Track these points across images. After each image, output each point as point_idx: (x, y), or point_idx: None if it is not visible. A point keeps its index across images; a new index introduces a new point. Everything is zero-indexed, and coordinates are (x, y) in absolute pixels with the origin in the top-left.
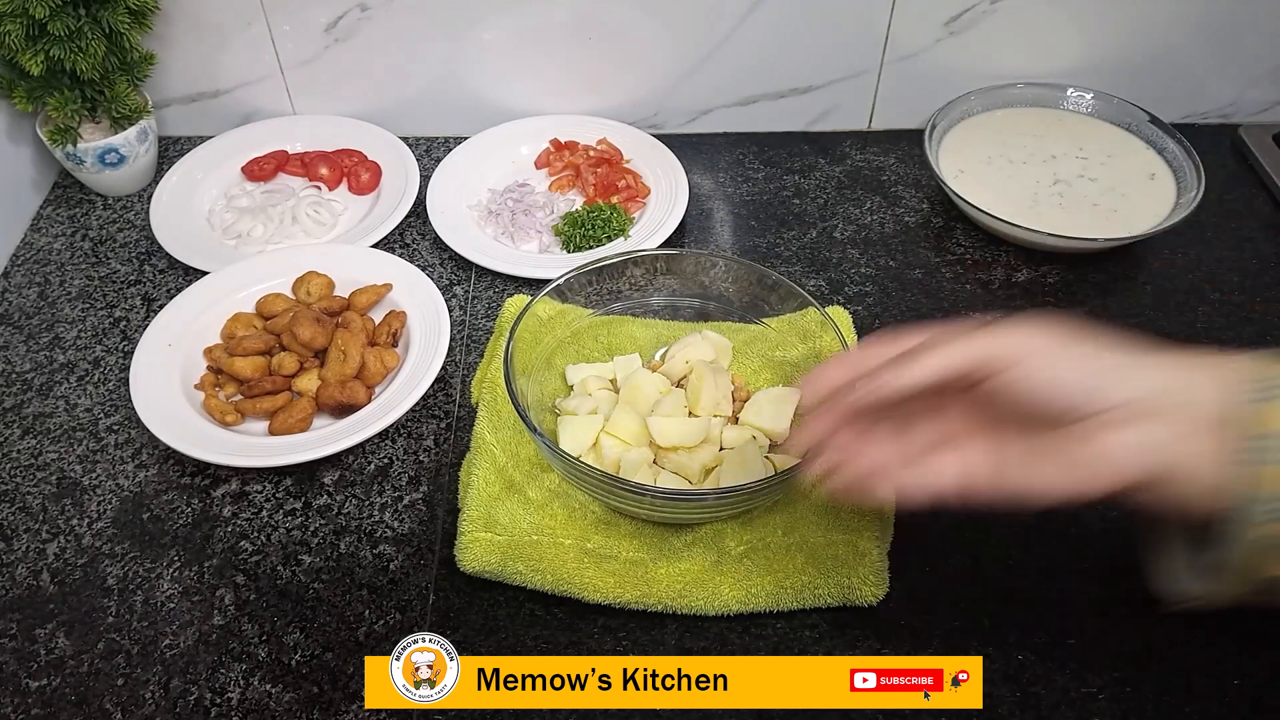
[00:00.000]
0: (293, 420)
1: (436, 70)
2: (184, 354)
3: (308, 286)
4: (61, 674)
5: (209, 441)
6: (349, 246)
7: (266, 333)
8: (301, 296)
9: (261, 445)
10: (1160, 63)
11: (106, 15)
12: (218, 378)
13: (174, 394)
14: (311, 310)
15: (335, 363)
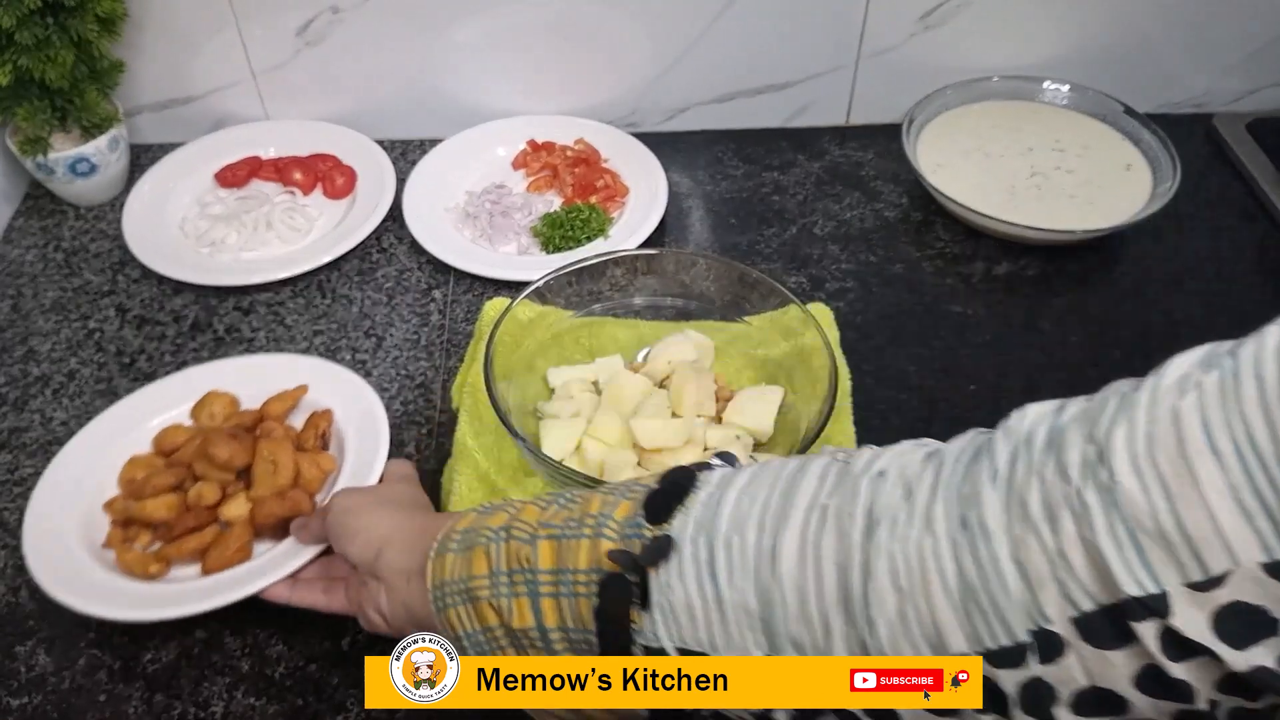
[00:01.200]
0: (229, 553)
1: (410, 72)
2: (81, 514)
3: (210, 409)
4: (43, 691)
5: (144, 600)
6: (243, 359)
7: (171, 468)
8: (204, 421)
9: (201, 587)
10: (1134, 54)
11: (75, 24)
12: (127, 530)
13: (84, 561)
14: (223, 429)
15: (265, 476)
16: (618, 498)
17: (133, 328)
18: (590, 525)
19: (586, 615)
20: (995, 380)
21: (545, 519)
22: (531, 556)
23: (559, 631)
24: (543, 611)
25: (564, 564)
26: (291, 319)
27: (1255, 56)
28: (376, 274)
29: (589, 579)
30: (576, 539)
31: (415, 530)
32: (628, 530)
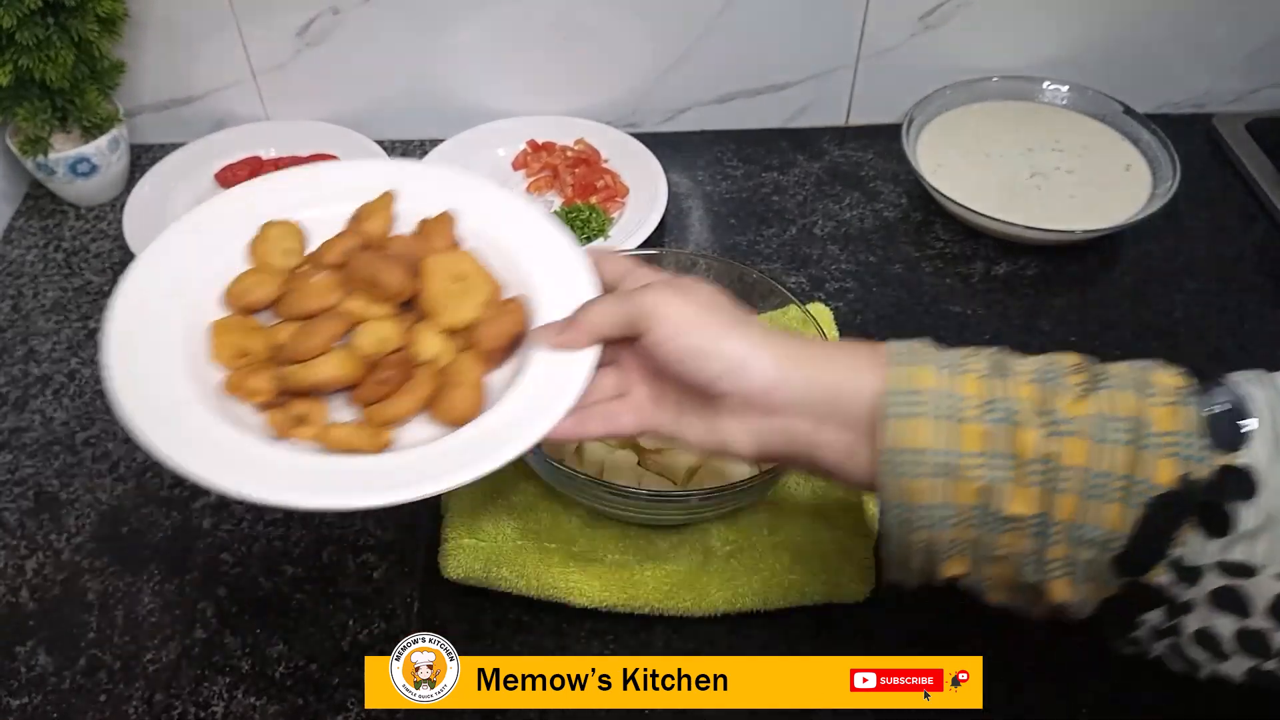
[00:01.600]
0: (467, 395)
1: (411, 73)
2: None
3: (281, 246)
4: (43, 691)
5: (396, 476)
6: (274, 179)
7: (289, 320)
8: (279, 260)
9: (451, 448)
10: (1134, 54)
11: (75, 24)
12: (289, 409)
13: (266, 449)
14: (375, 254)
15: (454, 297)
16: (1141, 398)
17: None
18: (1124, 430)
19: (1114, 519)
20: None
21: (1047, 407)
22: (1057, 452)
23: (1064, 526)
24: (1056, 505)
25: (1097, 466)
26: None
27: (1255, 56)
28: None
29: (1127, 486)
30: (1112, 444)
31: (819, 365)
32: (1183, 449)
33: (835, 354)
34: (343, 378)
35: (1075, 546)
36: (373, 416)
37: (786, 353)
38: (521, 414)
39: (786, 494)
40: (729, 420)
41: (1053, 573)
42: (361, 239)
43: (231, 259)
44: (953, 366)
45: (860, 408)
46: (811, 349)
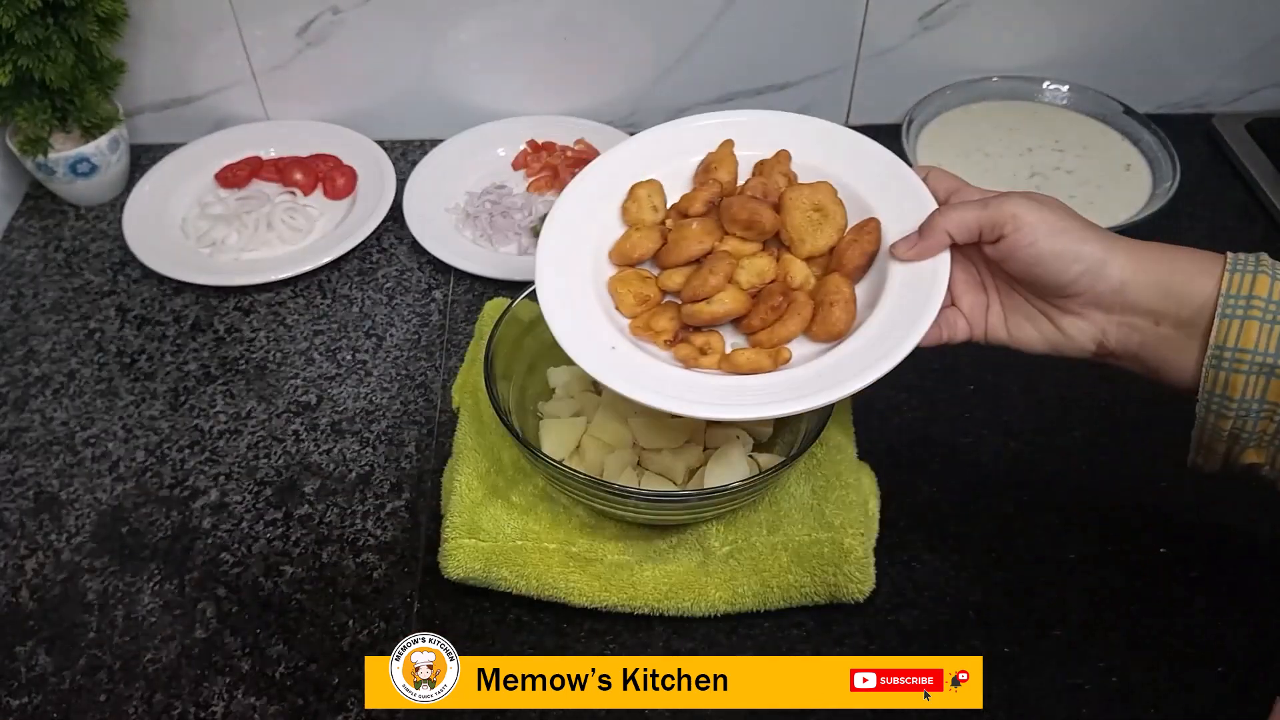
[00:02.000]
0: (842, 312)
1: (411, 73)
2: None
3: (650, 203)
4: (43, 692)
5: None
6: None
7: (674, 268)
8: (648, 216)
9: (847, 354)
10: (1134, 54)
11: (75, 24)
12: (695, 341)
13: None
14: (737, 197)
15: (813, 226)
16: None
17: (133, 328)
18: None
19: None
20: (994, 380)
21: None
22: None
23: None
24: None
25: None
26: (292, 319)
27: (1255, 56)
28: (377, 274)
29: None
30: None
31: (1165, 269)
32: None
33: (1180, 258)
34: (737, 310)
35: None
36: (768, 339)
37: (1138, 255)
38: (894, 324)
39: (786, 494)
40: (1071, 320)
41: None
42: (718, 187)
43: (607, 221)
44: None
45: (1197, 308)
46: (1159, 254)
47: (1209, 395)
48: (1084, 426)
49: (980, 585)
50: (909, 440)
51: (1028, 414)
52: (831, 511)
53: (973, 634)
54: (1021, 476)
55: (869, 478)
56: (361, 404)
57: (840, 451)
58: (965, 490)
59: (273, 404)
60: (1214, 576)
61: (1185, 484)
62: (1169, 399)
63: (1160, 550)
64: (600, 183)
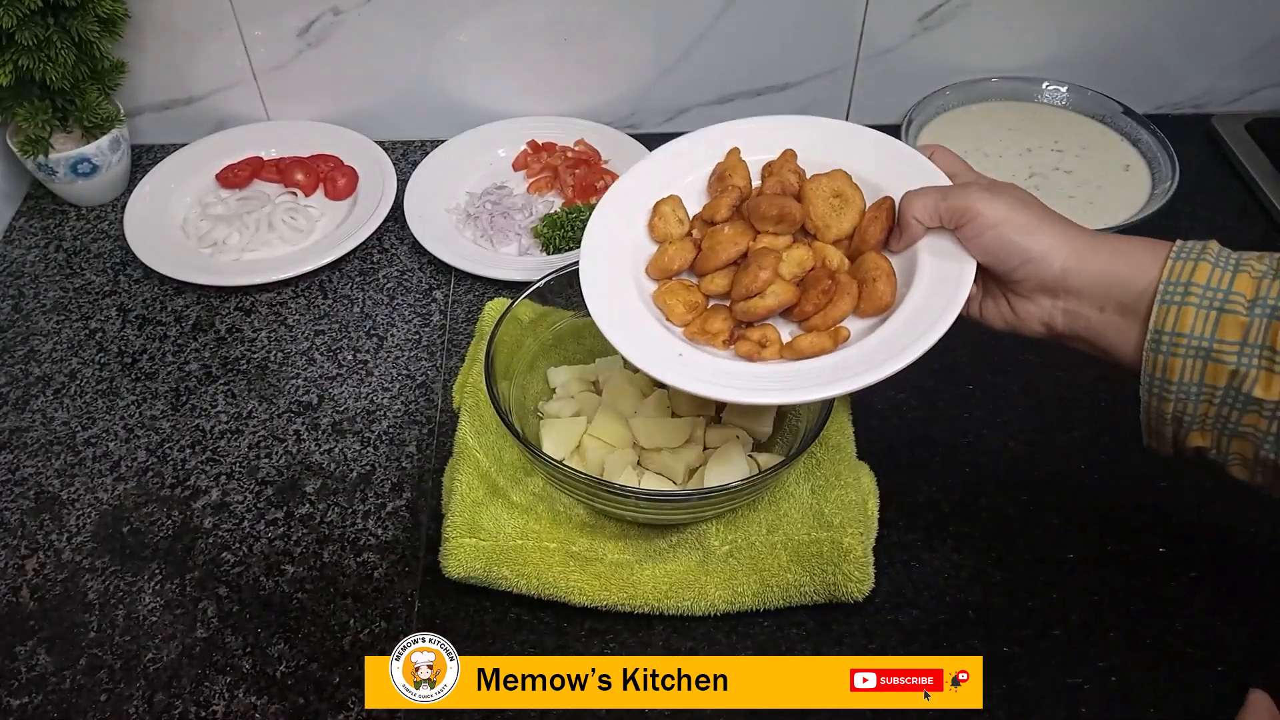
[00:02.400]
0: (885, 287)
1: (412, 74)
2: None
3: (676, 216)
4: (43, 691)
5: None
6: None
7: (718, 273)
8: (673, 229)
9: (896, 329)
10: (1133, 54)
11: (76, 24)
12: (752, 336)
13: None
14: (762, 195)
15: (835, 211)
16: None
17: (134, 328)
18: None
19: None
20: (993, 380)
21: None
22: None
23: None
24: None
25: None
26: (293, 319)
27: (1255, 56)
28: (378, 274)
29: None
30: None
31: (1108, 257)
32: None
33: (1126, 248)
34: (789, 300)
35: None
36: (822, 321)
37: (1083, 246)
38: (930, 302)
39: (786, 493)
40: (1021, 302)
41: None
42: (738, 192)
43: (637, 240)
44: (1233, 266)
45: (1139, 294)
46: (1107, 244)
47: (1150, 378)
48: (1084, 426)
49: (980, 585)
50: (909, 440)
51: (1028, 414)
52: (831, 511)
53: (973, 634)
54: (1021, 476)
55: (868, 477)
56: (362, 404)
57: (840, 451)
58: (965, 490)
59: (274, 404)
60: (1214, 576)
61: (1185, 484)
62: None
63: (1160, 550)
64: (621, 207)
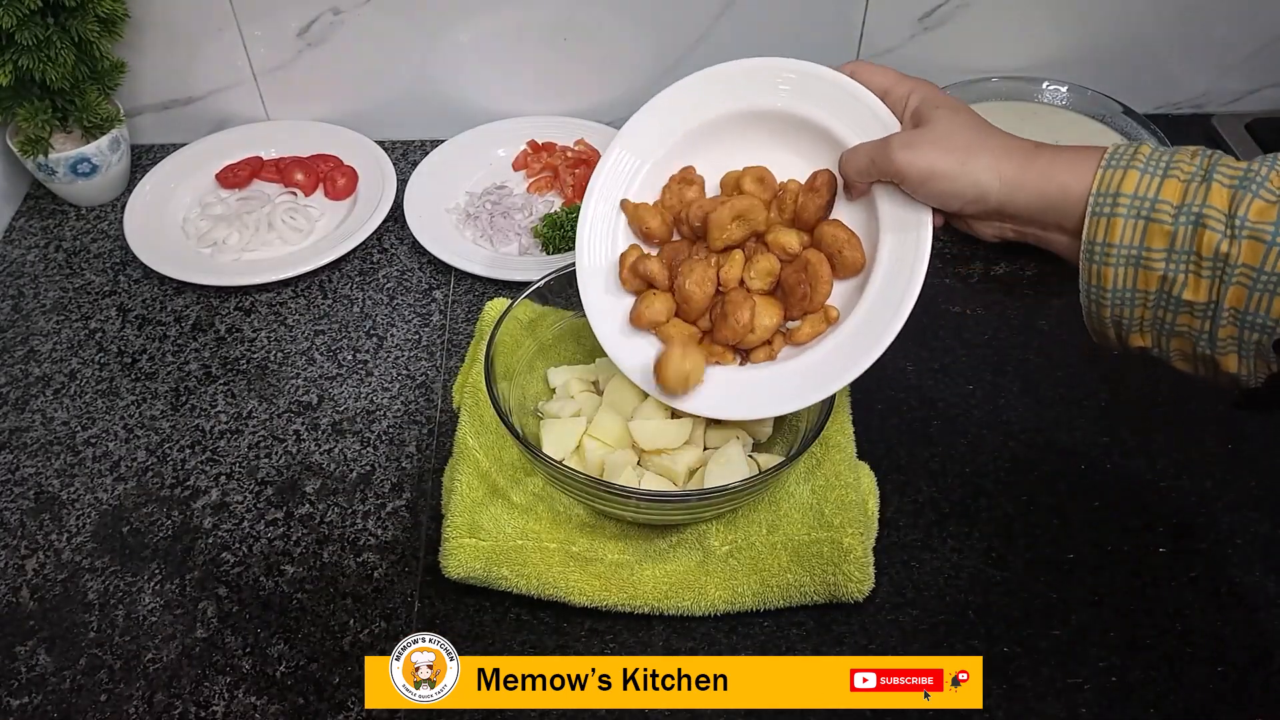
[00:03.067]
0: (852, 245)
1: (411, 74)
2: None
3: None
4: (43, 691)
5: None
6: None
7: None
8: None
9: (879, 291)
10: (1134, 54)
11: (75, 24)
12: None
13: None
14: (704, 202)
15: (760, 207)
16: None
17: (134, 328)
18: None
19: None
20: (993, 380)
21: (1233, 211)
22: (1232, 253)
23: (1232, 312)
24: (1226, 295)
25: (1268, 266)
26: (293, 319)
27: (1255, 56)
28: (378, 274)
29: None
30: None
31: (1040, 183)
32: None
33: (1056, 166)
34: (777, 322)
35: (1242, 329)
36: (812, 306)
37: (1014, 172)
38: (901, 254)
39: (786, 494)
40: (977, 224)
41: (1223, 348)
42: (683, 244)
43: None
44: (1161, 170)
45: (1074, 210)
46: (1036, 164)
47: (1087, 286)
48: (1084, 426)
49: (980, 585)
50: (909, 440)
51: (1028, 414)
52: (831, 511)
53: (973, 634)
54: (1021, 476)
55: (868, 477)
56: (362, 404)
57: (840, 451)
58: (965, 490)
59: (274, 404)
60: (1214, 576)
61: (1185, 484)
62: (1168, 399)
63: (1160, 550)
64: (600, 219)
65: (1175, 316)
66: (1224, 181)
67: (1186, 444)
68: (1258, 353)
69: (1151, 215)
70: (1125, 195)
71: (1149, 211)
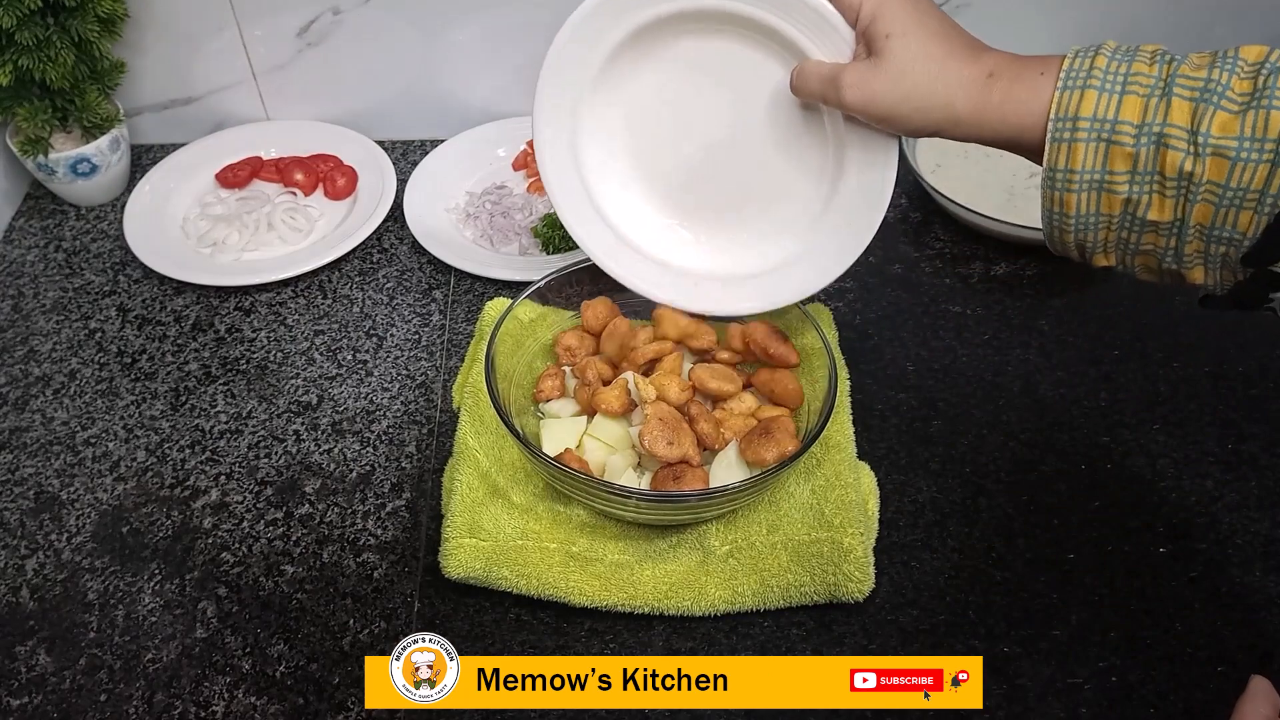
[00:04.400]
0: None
1: (411, 73)
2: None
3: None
4: (43, 691)
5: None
6: None
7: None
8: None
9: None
10: None
11: (75, 24)
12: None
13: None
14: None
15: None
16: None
17: (134, 328)
18: (1269, 151)
19: (1245, 224)
20: (993, 380)
21: (1196, 127)
22: (1197, 171)
23: (1198, 228)
24: (1193, 212)
25: (1234, 182)
26: (293, 319)
27: None
28: (378, 274)
29: (1258, 199)
30: (1251, 163)
31: (998, 97)
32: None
33: (1016, 87)
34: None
35: (1209, 244)
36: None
37: (974, 99)
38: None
39: (786, 494)
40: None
41: (1190, 263)
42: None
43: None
44: (1119, 86)
45: (1035, 140)
46: (997, 87)
47: (1049, 212)
48: (1084, 426)
49: (980, 585)
50: (909, 440)
51: (1028, 414)
52: (831, 511)
53: (973, 634)
54: (1021, 476)
55: (868, 477)
56: (362, 404)
57: (840, 451)
58: (965, 490)
59: (273, 404)
60: (1214, 576)
61: (1185, 484)
62: (1168, 399)
63: (1160, 550)
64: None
65: (1140, 236)
66: (1184, 95)
67: (1186, 444)
68: (1224, 264)
69: (1112, 138)
70: (1084, 119)
71: (1109, 134)
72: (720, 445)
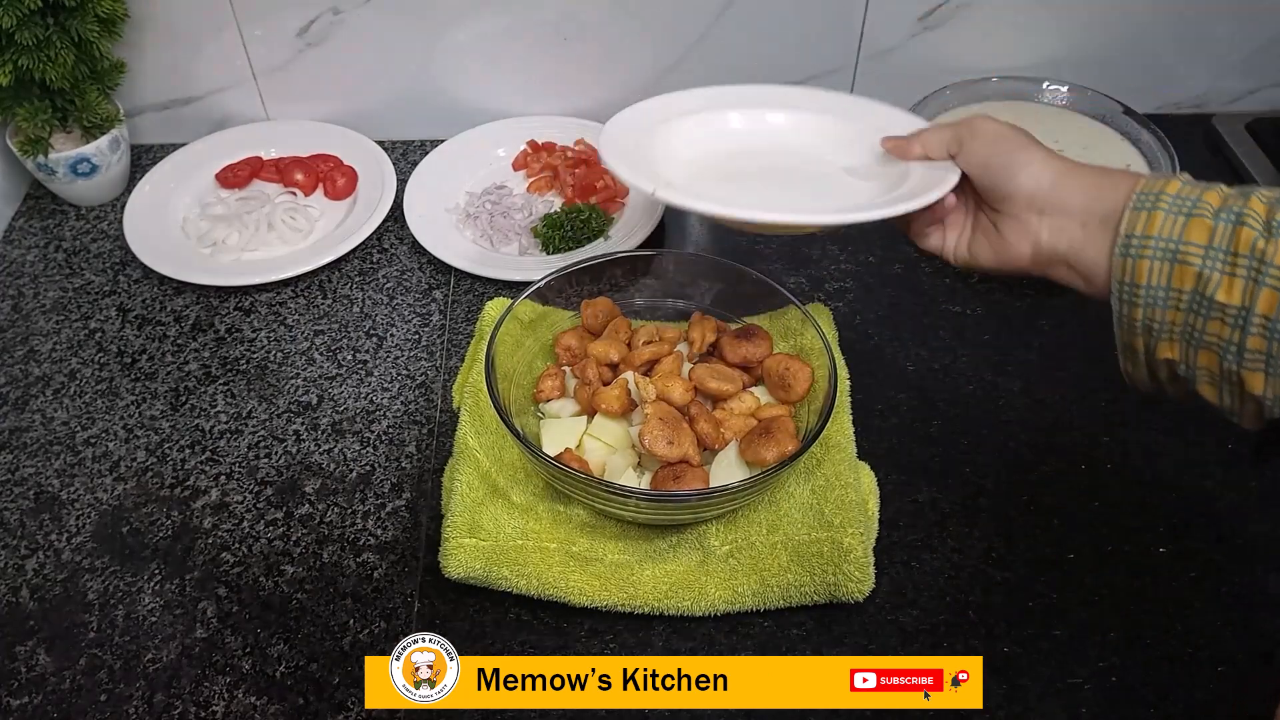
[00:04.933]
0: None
1: (411, 73)
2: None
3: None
4: (43, 691)
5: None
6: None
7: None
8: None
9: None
10: (1133, 54)
11: (75, 24)
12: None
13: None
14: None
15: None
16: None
17: (134, 328)
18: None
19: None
20: (993, 380)
21: (1272, 217)
22: (1269, 250)
23: (1262, 320)
24: (1259, 298)
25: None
26: (293, 319)
27: (1255, 56)
28: (378, 274)
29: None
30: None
31: (1092, 176)
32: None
33: (1107, 171)
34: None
35: (1271, 341)
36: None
37: (1068, 166)
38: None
39: (786, 494)
40: (1011, 224)
41: (1251, 363)
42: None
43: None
44: (1203, 184)
45: (1116, 208)
46: (1089, 167)
47: (1119, 284)
48: (1083, 426)
49: (980, 585)
50: (909, 440)
51: (1028, 414)
52: (831, 511)
53: (973, 634)
54: (1021, 476)
55: (868, 477)
56: (362, 404)
57: (840, 451)
58: (965, 490)
59: (273, 404)
60: (1214, 576)
61: (1185, 484)
62: (1168, 398)
63: (1160, 550)
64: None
65: (1206, 322)
66: (1262, 197)
67: (1186, 444)
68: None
69: (1193, 211)
70: (1169, 195)
71: (1191, 208)
72: (720, 445)
